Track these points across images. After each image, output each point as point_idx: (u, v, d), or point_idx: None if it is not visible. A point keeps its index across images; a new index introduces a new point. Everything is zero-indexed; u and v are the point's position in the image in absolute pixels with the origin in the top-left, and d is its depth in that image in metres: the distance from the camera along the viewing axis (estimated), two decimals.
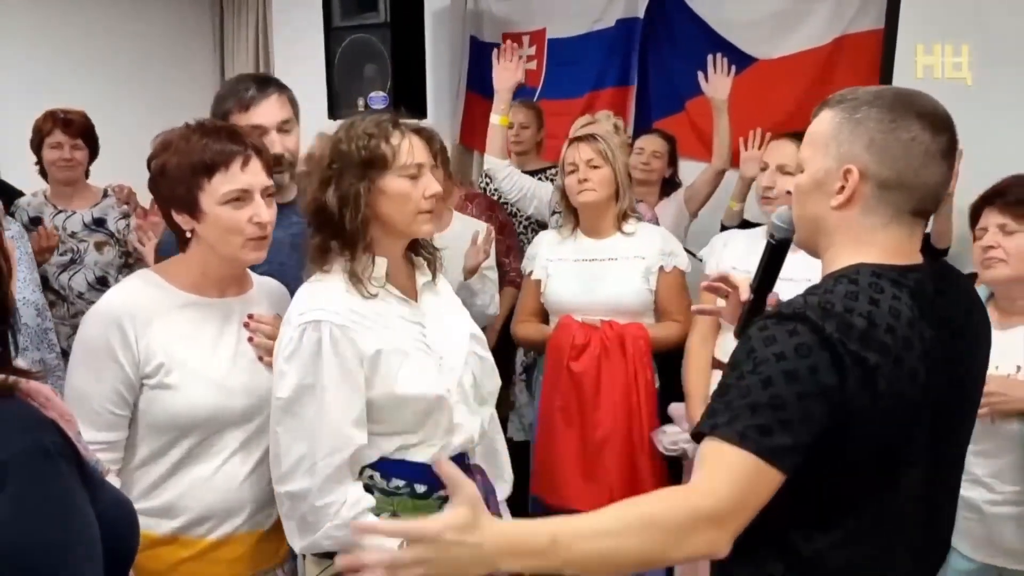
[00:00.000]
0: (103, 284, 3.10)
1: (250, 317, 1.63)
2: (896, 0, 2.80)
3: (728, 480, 1.05)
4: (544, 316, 2.69)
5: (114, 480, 1.43)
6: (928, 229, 2.03)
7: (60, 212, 3.18)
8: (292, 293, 1.68)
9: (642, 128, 3.68)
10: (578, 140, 2.55)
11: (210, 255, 1.58)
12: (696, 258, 2.65)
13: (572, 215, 2.62)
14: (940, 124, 1.16)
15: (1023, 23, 2.52)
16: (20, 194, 3.25)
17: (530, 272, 2.69)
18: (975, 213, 2.05)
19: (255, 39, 5.27)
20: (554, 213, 3.01)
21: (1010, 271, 1.94)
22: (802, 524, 1.14)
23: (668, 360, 2.54)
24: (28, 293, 2.52)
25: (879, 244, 1.18)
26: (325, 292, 1.57)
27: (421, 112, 3.51)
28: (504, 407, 2.90)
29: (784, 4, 3.38)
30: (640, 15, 3.79)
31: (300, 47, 4.59)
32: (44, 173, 3.21)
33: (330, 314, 1.53)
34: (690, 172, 3.32)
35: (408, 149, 1.59)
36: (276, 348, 1.57)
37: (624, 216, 2.57)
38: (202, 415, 1.53)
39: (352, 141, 1.57)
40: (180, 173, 1.51)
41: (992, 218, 1.97)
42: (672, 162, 3.36)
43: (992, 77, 2.52)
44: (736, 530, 1.07)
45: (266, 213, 1.55)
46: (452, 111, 4.50)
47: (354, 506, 1.53)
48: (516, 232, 3.30)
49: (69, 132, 3.14)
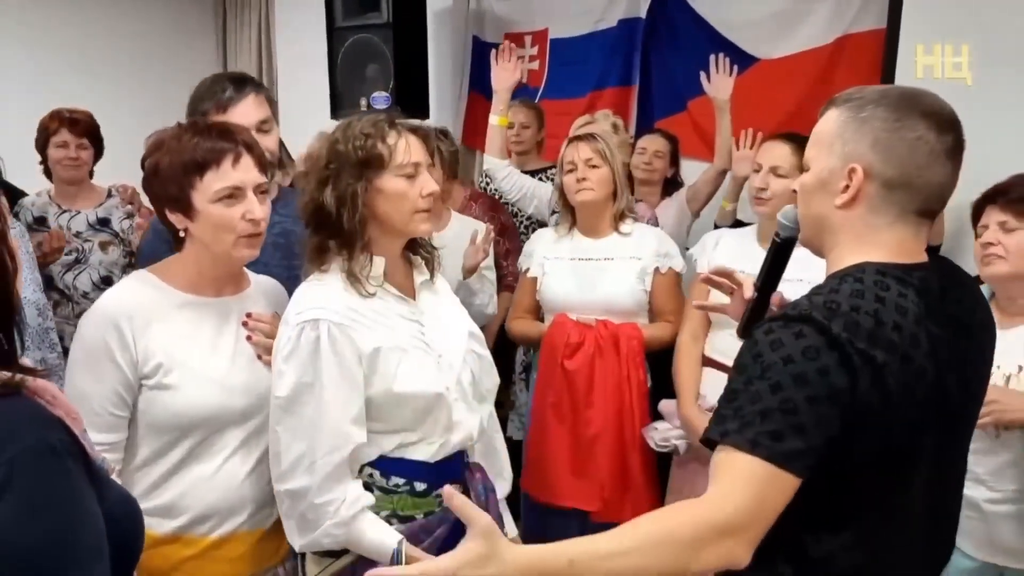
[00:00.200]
0: (107, 284, 3.10)
1: (248, 316, 1.63)
2: (898, 0, 2.80)
3: (743, 489, 1.04)
4: (539, 313, 2.69)
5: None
6: None
7: (64, 212, 3.19)
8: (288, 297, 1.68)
9: (644, 128, 3.67)
10: (577, 139, 2.56)
11: (204, 254, 1.58)
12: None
13: (569, 213, 2.63)
14: (946, 123, 1.15)
15: (1023, 23, 2.51)
16: (23, 194, 3.25)
17: (526, 269, 2.69)
18: (977, 211, 2.05)
19: (257, 39, 5.27)
20: (553, 213, 3.01)
21: (1009, 268, 1.94)
22: (811, 526, 1.13)
23: (658, 359, 2.55)
24: (29, 293, 2.52)
25: (884, 243, 1.17)
26: (323, 291, 1.58)
27: (423, 112, 3.51)
28: (504, 406, 2.90)
29: (786, 4, 3.37)
30: (642, 15, 3.78)
31: (302, 47, 4.59)
32: (48, 173, 3.22)
33: (328, 313, 1.53)
34: (692, 172, 3.31)
35: (405, 148, 1.59)
36: (275, 348, 1.57)
37: (621, 216, 2.57)
38: (202, 414, 1.53)
39: (349, 141, 1.57)
40: (172, 172, 1.51)
41: (993, 215, 1.98)
42: (674, 162, 3.35)
43: (992, 77, 2.50)
44: (755, 539, 1.05)
45: (259, 210, 1.55)
46: (454, 111, 4.50)
47: (353, 504, 1.53)
48: (518, 234, 3.29)
49: (75, 131, 3.16)
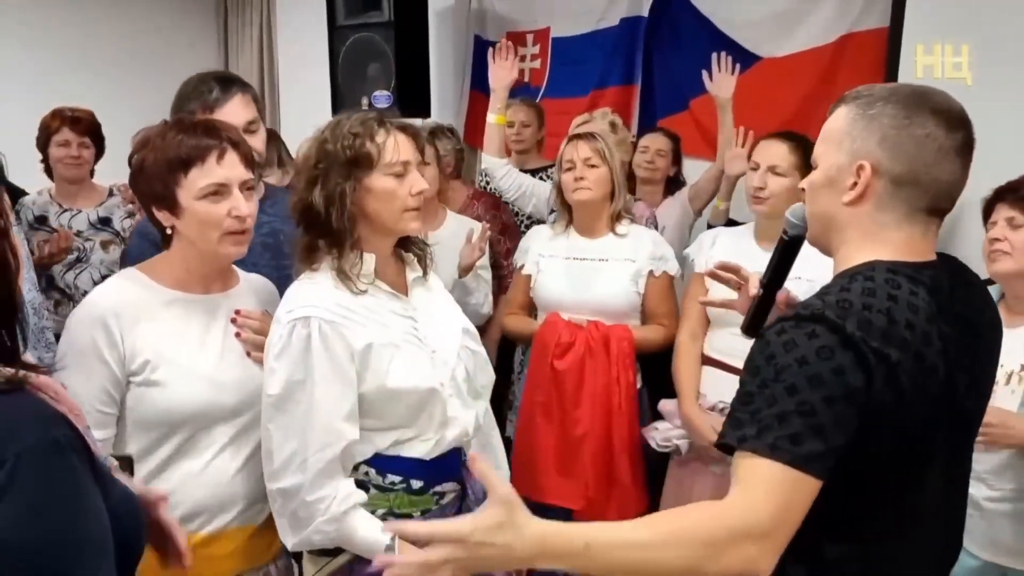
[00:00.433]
0: None
1: (237, 313, 1.63)
2: None
3: (766, 495, 1.03)
4: (532, 309, 2.69)
5: None
6: None
7: (65, 211, 3.19)
8: (278, 295, 1.67)
9: (646, 127, 3.66)
10: (577, 138, 2.55)
11: (192, 251, 1.58)
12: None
13: (566, 212, 2.62)
14: (955, 121, 1.14)
15: (1023, 23, 2.51)
16: (24, 193, 3.25)
17: (521, 266, 2.69)
18: (988, 208, 2.04)
19: (259, 38, 5.28)
20: (552, 212, 3.02)
21: (1014, 264, 1.94)
22: (824, 526, 1.11)
23: (656, 360, 2.54)
24: (24, 292, 2.52)
25: (892, 241, 1.16)
26: (314, 289, 1.58)
27: (424, 111, 3.51)
28: (503, 405, 2.89)
29: (788, 3, 3.36)
30: (644, 13, 3.77)
31: (304, 46, 4.60)
32: (49, 172, 3.22)
33: (319, 310, 1.53)
34: (694, 171, 3.31)
35: (394, 147, 1.59)
36: (266, 346, 1.56)
37: (618, 217, 2.57)
38: (190, 410, 1.53)
39: (337, 140, 1.57)
40: (157, 170, 1.51)
41: (1002, 212, 1.98)
42: (676, 161, 3.35)
43: (992, 77, 2.50)
44: (780, 547, 1.04)
45: (245, 206, 1.54)
46: (456, 110, 4.49)
47: (344, 501, 1.53)
48: (519, 234, 3.29)
49: (77, 130, 3.16)
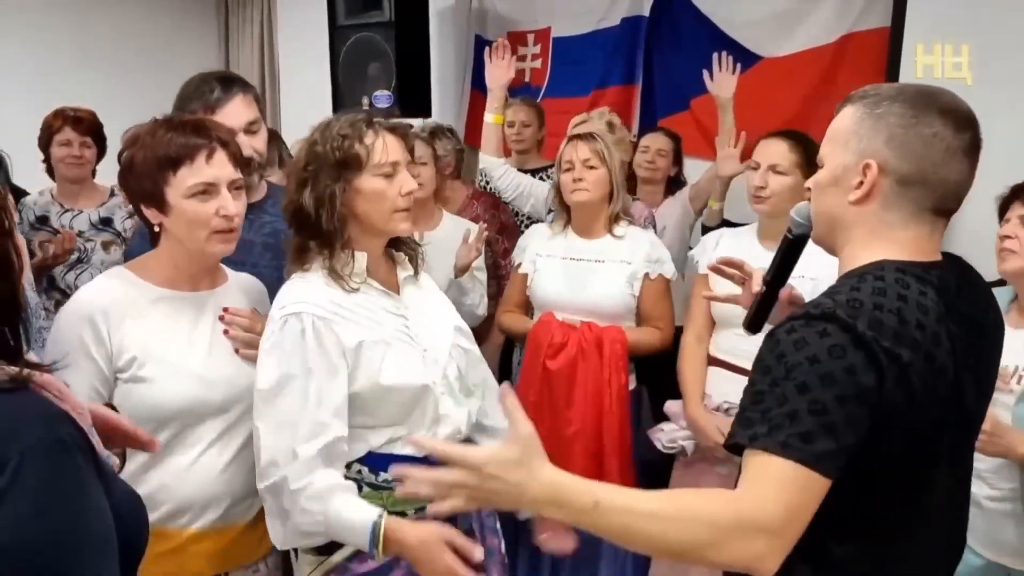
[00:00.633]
0: None
1: (225, 310, 1.63)
2: None
3: (776, 493, 1.02)
4: (529, 308, 2.69)
5: None
6: None
7: (67, 211, 3.17)
8: (267, 294, 1.68)
9: (647, 126, 3.67)
10: (576, 139, 2.55)
11: (179, 249, 1.58)
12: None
13: (565, 212, 2.62)
14: (963, 121, 1.14)
15: (1023, 23, 2.51)
16: (25, 193, 3.24)
17: (518, 264, 2.69)
18: (1004, 207, 2.02)
19: (259, 37, 5.28)
20: (550, 211, 3.02)
21: (1022, 263, 1.91)
22: (832, 526, 1.11)
23: (658, 362, 2.55)
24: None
25: (898, 241, 1.15)
26: (306, 287, 1.58)
27: (425, 111, 3.51)
28: None
29: (789, 3, 3.37)
30: (645, 13, 3.78)
31: (304, 46, 4.60)
32: (51, 172, 3.21)
33: (311, 306, 1.54)
34: (695, 171, 3.31)
35: (383, 148, 1.59)
36: (260, 343, 1.56)
37: (616, 218, 2.57)
38: (178, 406, 1.52)
39: (327, 142, 1.58)
40: (146, 167, 1.52)
41: (1016, 210, 1.96)
42: (677, 161, 3.35)
43: (992, 77, 2.51)
44: (787, 545, 1.03)
45: (233, 205, 1.55)
46: (456, 110, 4.49)
47: (329, 480, 1.50)
48: (519, 234, 3.29)
49: (79, 130, 3.15)
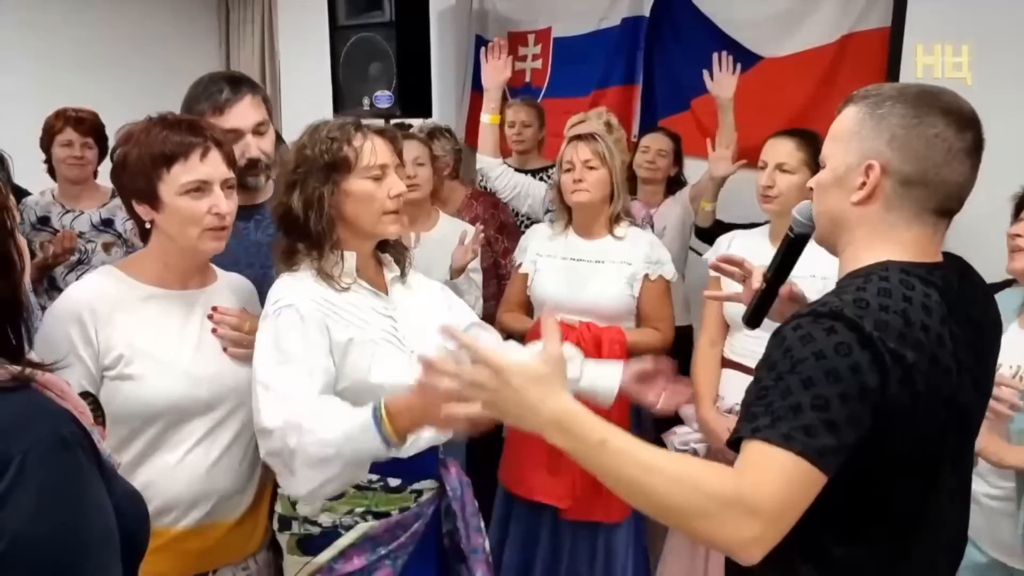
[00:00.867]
0: None
1: (214, 309, 1.64)
2: None
3: (774, 480, 1.01)
4: (529, 308, 2.70)
5: None
6: None
7: (68, 212, 3.18)
8: (258, 295, 1.69)
9: (647, 127, 3.67)
10: (577, 139, 2.55)
11: (170, 246, 1.59)
12: (697, 253, 2.64)
13: (565, 212, 2.63)
14: (965, 122, 1.14)
15: (1023, 23, 2.51)
16: (27, 194, 3.24)
17: (519, 264, 2.70)
18: (1020, 204, 2.02)
19: (260, 37, 5.29)
20: (548, 211, 3.01)
21: None
22: (834, 526, 1.11)
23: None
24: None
25: (901, 241, 1.16)
26: (297, 284, 1.60)
27: (426, 111, 3.51)
28: None
29: (790, 3, 3.37)
30: (646, 13, 3.78)
31: (305, 46, 4.60)
32: (52, 172, 3.22)
33: (303, 300, 1.56)
34: (696, 171, 3.31)
35: (371, 151, 1.61)
36: (256, 337, 1.57)
37: (617, 219, 2.57)
38: (165, 403, 1.53)
39: (315, 145, 1.60)
40: (140, 164, 1.53)
41: None
42: (677, 161, 3.36)
43: (992, 77, 2.51)
44: (778, 535, 1.03)
45: (225, 204, 1.56)
46: (457, 110, 4.50)
47: (321, 405, 1.49)
48: (518, 233, 3.30)
49: (80, 130, 3.15)
